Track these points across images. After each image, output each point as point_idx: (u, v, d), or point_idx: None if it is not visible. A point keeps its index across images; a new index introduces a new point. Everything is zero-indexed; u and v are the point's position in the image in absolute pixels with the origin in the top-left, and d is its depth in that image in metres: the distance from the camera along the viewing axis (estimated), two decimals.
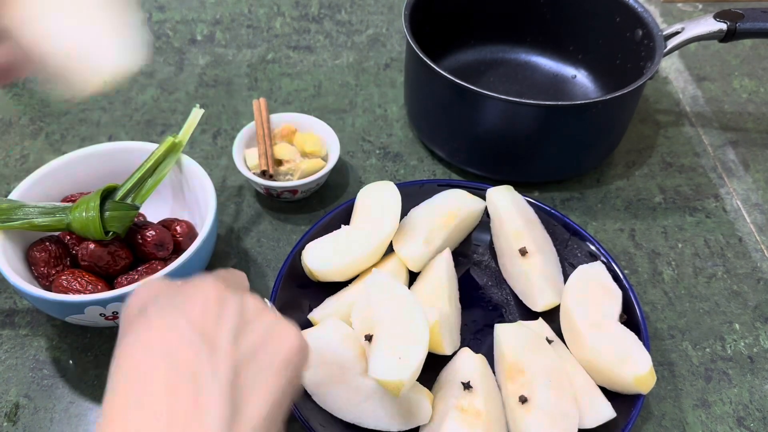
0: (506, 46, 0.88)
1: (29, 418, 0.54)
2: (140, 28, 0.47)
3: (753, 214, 0.74)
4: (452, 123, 0.72)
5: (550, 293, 0.59)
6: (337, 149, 0.71)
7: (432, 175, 0.76)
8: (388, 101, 0.85)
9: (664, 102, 0.87)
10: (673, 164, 0.79)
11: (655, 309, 0.64)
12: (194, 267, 0.57)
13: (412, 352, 0.47)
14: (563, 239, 0.64)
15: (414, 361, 0.46)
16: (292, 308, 0.58)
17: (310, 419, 0.50)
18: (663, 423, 0.56)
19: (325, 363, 0.51)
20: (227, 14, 0.97)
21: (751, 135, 0.83)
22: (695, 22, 0.71)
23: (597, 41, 0.82)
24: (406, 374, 0.46)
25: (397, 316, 0.50)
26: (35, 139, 0.78)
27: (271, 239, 0.69)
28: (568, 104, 0.68)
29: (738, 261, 0.69)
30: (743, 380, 0.59)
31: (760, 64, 0.93)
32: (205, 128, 0.80)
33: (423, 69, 0.70)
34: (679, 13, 1.02)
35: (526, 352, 0.53)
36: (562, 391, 0.51)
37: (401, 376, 0.45)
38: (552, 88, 0.85)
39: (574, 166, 0.74)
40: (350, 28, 0.96)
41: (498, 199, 0.64)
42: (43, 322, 0.61)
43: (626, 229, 0.71)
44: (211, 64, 0.89)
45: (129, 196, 0.58)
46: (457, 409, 0.50)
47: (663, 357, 0.60)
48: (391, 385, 0.46)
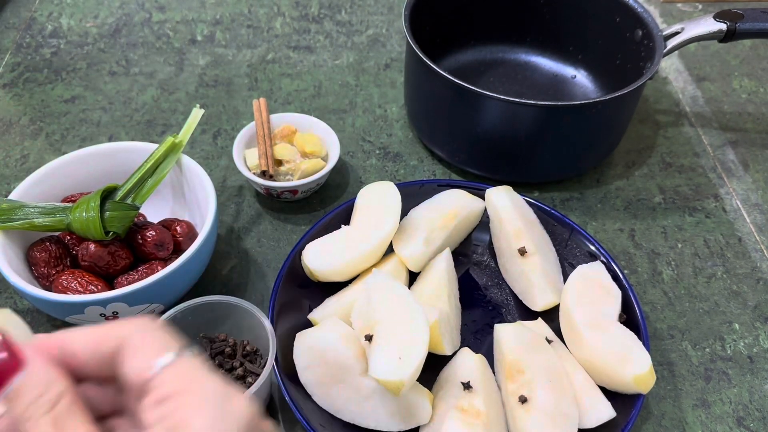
0: (506, 46, 0.88)
1: None
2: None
3: (753, 214, 0.74)
4: (452, 123, 0.72)
5: (549, 293, 0.59)
6: (337, 149, 0.71)
7: (432, 175, 0.76)
8: (388, 101, 0.85)
9: (664, 102, 0.87)
10: (672, 164, 0.79)
11: (655, 309, 0.64)
12: (194, 267, 0.57)
13: (412, 351, 0.47)
14: (563, 239, 0.64)
15: (414, 360, 0.46)
16: (292, 308, 0.58)
17: (310, 419, 0.50)
18: (663, 423, 0.56)
19: (325, 363, 0.51)
20: (227, 14, 0.97)
21: (751, 135, 0.83)
22: (695, 22, 0.71)
23: (597, 41, 0.82)
24: (407, 374, 0.46)
25: (397, 316, 0.50)
26: (35, 139, 0.78)
27: (271, 239, 0.69)
28: (568, 104, 0.68)
29: (738, 261, 0.69)
30: (743, 380, 0.59)
31: (760, 65, 0.93)
32: (205, 128, 0.80)
33: (423, 69, 0.70)
34: (678, 14, 1.02)
35: (526, 352, 0.53)
36: (562, 391, 0.51)
37: (401, 375, 0.46)
38: (552, 88, 0.85)
39: (574, 166, 0.74)
40: (350, 28, 0.96)
41: (497, 199, 0.64)
42: (43, 322, 0.61)
43: (626, 229, 0.71)
44: (211, 64, 0.89)
45: (129, 196, 0.58)
46: (457, 409, 0.50)
47: (663, 357, 0.60)
48: (391, 384, 0.46)
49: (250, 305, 0.52)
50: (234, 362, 0.52)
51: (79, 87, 0.85)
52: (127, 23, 0.95)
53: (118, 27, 0.94)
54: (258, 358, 0.53)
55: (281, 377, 0.51)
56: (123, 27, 0.94)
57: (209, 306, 0.52)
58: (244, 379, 0.51)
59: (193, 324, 0.53)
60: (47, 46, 0.91)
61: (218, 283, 0.64)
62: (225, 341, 0.54)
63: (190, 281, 0.58)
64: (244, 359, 0.52)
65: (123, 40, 0.92)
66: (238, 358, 0.52)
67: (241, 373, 0.51)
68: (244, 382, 0.51)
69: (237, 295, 0.63)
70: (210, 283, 0.64)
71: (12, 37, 0.92)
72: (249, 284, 0.64)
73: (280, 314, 0.56)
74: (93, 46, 0.91)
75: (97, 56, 0.89)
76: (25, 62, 0.88)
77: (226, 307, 0.53)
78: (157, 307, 0.56)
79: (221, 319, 0.53)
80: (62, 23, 0.94)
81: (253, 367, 0.52)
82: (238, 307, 0.52)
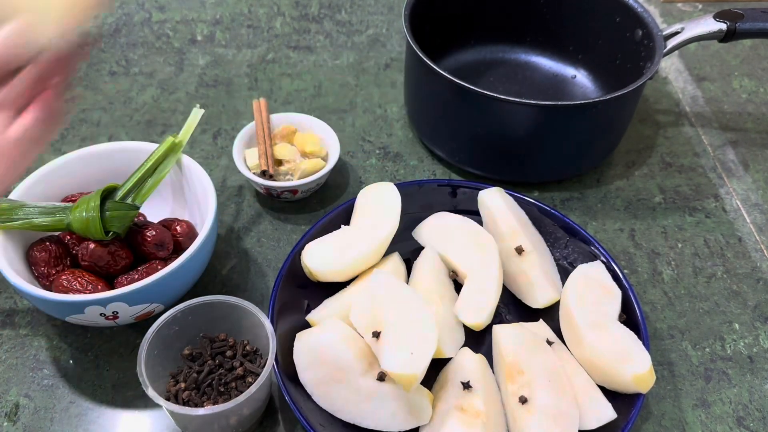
0: (506, 46, 0.88)
1: (29, 418, 0.54)
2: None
3: (753, 214, 0.74)
4: (452, 123, 0.72)
5: (550, 290, 0.59)
6: (337, 149, 0.71)
7: (432, 175, 0.76)
8: (388, 101, 0.85)
9: (664, 102, 0.87)
10: (672, 164, 0.79)
11: (655, 309, 0.64)
12: (194, 267, 0.57)
13: (423, 347, 0.48)
14: (563, 239, 0.64)
15: (426, 356, 0.48)
16: (292, 308, 0.58)
17: (310, 419, 0.50)
18: (663, 423, 0.56)
19: (325, 363, 0.51)
20: (227, 14, 0.97)
21: (751, 135, 0.83)
22: (695, 22, 0.71)
23: (597, 41, 0.82)
24: (419, 368, 0.47)
25: (404, 314, 0.50)
26: None
27: (271, 239, 0.69)
28: (568, 104, 0.68)
29: (738, 261, 0.69)
30: (743, 380, 0.59)
31: (760, 64, 0.93)
32: (205, 128, 0.80)
33: (423, 69, 0.70)
34: (679, 13, 1.02)
35: (525, 353, 0.53)
36: (562, 392, 0.51)
37: (415, 369, 0.47)
38: (552, 88, 0.85)
39: (574, 166, 0.74)
40: (350, 28, 0.96)
41: (490, 200, 0.64)
42: (43, 322, 0.61)
43: (626, 229, 0.71)
44: (211, 64, 0.89)
45: (129, 196, 0.58)
46: (457, 409, 0.50)
47: (663, 357, 0.60)
48: (405, 378, 0.47)
49: (250, 305, 0.52)
50: (234, 362, 0.52)
51: (78, 87, 0.85)
52: (126, 23, 0.95)
53: (117, 27, 0.94)
54: (258, 358, 0.53)
55: (281, 377, 0.51)
56: (123, 27, 0.94)
57: (209, 306, 0.53)
58: (244, 378, 0.51)
59: (193, 324, 0.53)
60: None
61: (218, 283, 0.64)
62: (225, 341, 0.54)
63: (190, 281, 0.58)
64: (244, 359, 0.52)
65: (123, 40, 0.92)
66: (238, 357, 0.52)
67: (241, 373, 0.51)
68: (244, 381, 0.51)
69: (237, 295, 0.63)
70: (210, 283, 0.64)
71: None
72: (249, 284, 0.64)
73: (280, 314, 0.56)
74: (93, 46, 0.91)
75: (96, 56, 0.89)
76: None
77: (227, 307, 0.53)
78: (157, 306, 0.56)
79: (221, 319, 0.53)
80: None
81: (253, 366, 0.52)
82: (238, 307, 0.52)
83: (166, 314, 0.51)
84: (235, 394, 0.50)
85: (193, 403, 0.50)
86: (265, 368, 0.49)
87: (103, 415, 0.55)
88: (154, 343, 0.50)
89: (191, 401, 0.50)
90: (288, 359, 0.53)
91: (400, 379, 0.47)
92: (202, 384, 0.51)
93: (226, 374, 0.52)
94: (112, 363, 0.58)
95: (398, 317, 0.50)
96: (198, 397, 0.50)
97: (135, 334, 0.60)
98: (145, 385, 0.47)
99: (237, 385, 0.51)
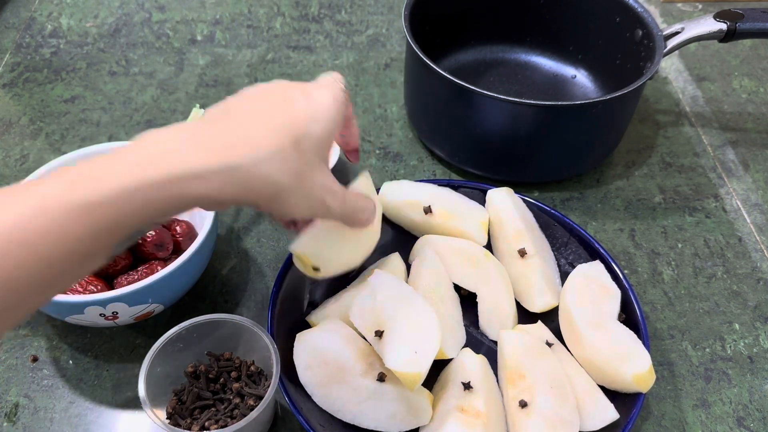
0: (506, 46, 0.88)
1: (29, 418, 0.54)
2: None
3: (753, 214, 0.74)
4: (452, 123, 0.72)
5: (548, 295, 0.59)
6: (337, 149, 0.71)
7: (432, 175, 0.76)
8: (388, 101, 0.85)
9: (664, 102, 0.87)
10: (672, 164, 0.79)
11: (655, 309, 0.64)
12: (194, 267, 0.57)
13: (426, 346, 0.48)
14: (563, 239, 0.64)
15: (429, 355, 0.48)
16: (292, 308, 0.58)
17: (310, 419, 0.50)
18: (663, 423, 0.56)
19: (325, 363, 0.51)
20: (227, 14, 0.97)
21: (751, 135, 0.83)
22: (695, 22, 0.71)
23: (597, 41, 0.82)
24: (423, 367, 0.47)
25: (406, 313, 0.50)
26: (35, 139, 0.78)
27: (271, 239, 0.69)
28: (568, 104, 0.68)
29: (738, 261, 0.69)
30: (743, 380, 0.59)
31: (760, 64, 0.93)
32: None
33: (423, 69, 0.70)
34: (679, 13, 1.02)
35: (528, 358, 0.53)
36: (563, 397, 0.51)
37: (419, 368, 0.47)
38: (552, 88, 0.85)
39: (574, 166, 0.74)
40: (350, 28, 0.96)
41: (499, 200, 0.64)
42: (43, 322, 0.61)
43: (626, 229, 0.71)
44: (211, 64, 0.89)
45: None
46: (458, 409, 0.50)
47: (663, 357, 0.60)
48: (409, 377, 0.47)
49: (256, 325, 0.51)
50: (239, 384, 0.52)
51: (78, 87, 0.85)
52: (126, 23, 0.95)
53: (117, 27, 0.94)
54: (262, 379, 0.52)
55: (281, 377, 0.51)
56: (123, 27, 0.94)
57: (215, 324, 0.52)
58: (246, 401, 0.51)
59: (198, 341, 0.52)
60: (47, 46, 0.91)
61: (218, 283, 0.64)
62: (230, 360, 0.53)
63: (189, 281, 0.58)
64: (249, 380, 0.52)
65: (123, 40, 0.92)
66: (243, 379, 0.52)
67: (244, 394, 0.51)
68: (246, 404, 0.51)
69: (237, 295, 0.63)
70: (210, 283, 0.64)
71: (12, 37, 0.92)
72: (249, 284, 0.64)
73: (280, 314, 0.56)
74: (93, 46, 0.91)
75: (96, 56, 0.89)
76: (24, 62, 0.88)
77: (232, 326, 0.52)
78: (157, 306, 0.56)
79: (227, 337, 0.53)
80: (62, 23, 0.94)
81: (257, 389, 0.51)
82: (243, 327, 0.52)
83: (171, 331, 0.51)
84: (237, 414, 0.50)
85: (196, 424, 0.49)
86: (269, 391, 0.48)
87: (102, 415, 0.55)
88: (156, 361, 0.50)
89: (194, 421, 0.50)
90: (288, 359, 0.53)
91: (404, 378, 0.47)
92: (204, 408, 0.51)
93: (229, 394, 0.51)
94: (112, 363, 0.58)
95: (400, 316, 0.50)
96: (200, 417, 0.50)
97: (135, 335, 0.60)
98: (145, 404, 0.47)
99: (240, 407, 0.50)
